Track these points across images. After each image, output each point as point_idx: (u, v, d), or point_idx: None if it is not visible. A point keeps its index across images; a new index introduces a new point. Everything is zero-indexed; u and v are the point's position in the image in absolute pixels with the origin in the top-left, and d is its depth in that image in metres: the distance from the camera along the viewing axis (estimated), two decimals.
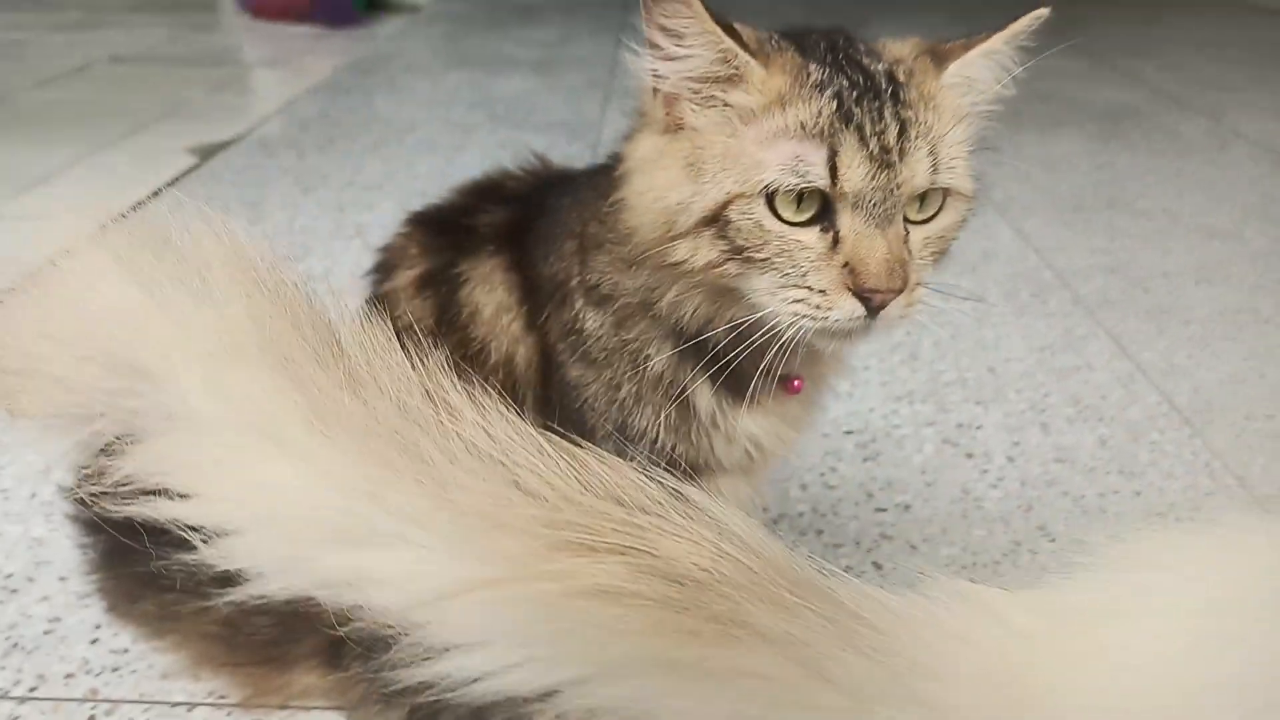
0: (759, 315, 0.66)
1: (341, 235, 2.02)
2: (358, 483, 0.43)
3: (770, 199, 0.63)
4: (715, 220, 0.64)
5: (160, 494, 0.45)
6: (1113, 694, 0.42)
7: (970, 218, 0.70)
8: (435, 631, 0.43)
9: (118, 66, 3.36)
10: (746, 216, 0.63)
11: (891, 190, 0.63)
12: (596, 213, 0.74)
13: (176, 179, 2.29)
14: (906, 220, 0.65)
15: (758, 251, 0.63)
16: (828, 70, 0.64)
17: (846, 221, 0.63)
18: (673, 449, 0.76)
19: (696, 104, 0.65)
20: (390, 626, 0.43)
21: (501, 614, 0.42)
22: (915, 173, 0.63)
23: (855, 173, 0.62)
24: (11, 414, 0.47)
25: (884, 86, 0.64)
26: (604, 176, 0.74)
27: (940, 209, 0.67)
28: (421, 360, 0.47)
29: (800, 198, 0.63)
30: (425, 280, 0.80)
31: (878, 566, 1.15)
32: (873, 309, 0.63)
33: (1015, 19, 0.67)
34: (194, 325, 0.44)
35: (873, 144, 0.62)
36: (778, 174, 0.62)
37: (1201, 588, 0.45)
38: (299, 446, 0.43)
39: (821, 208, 0.63)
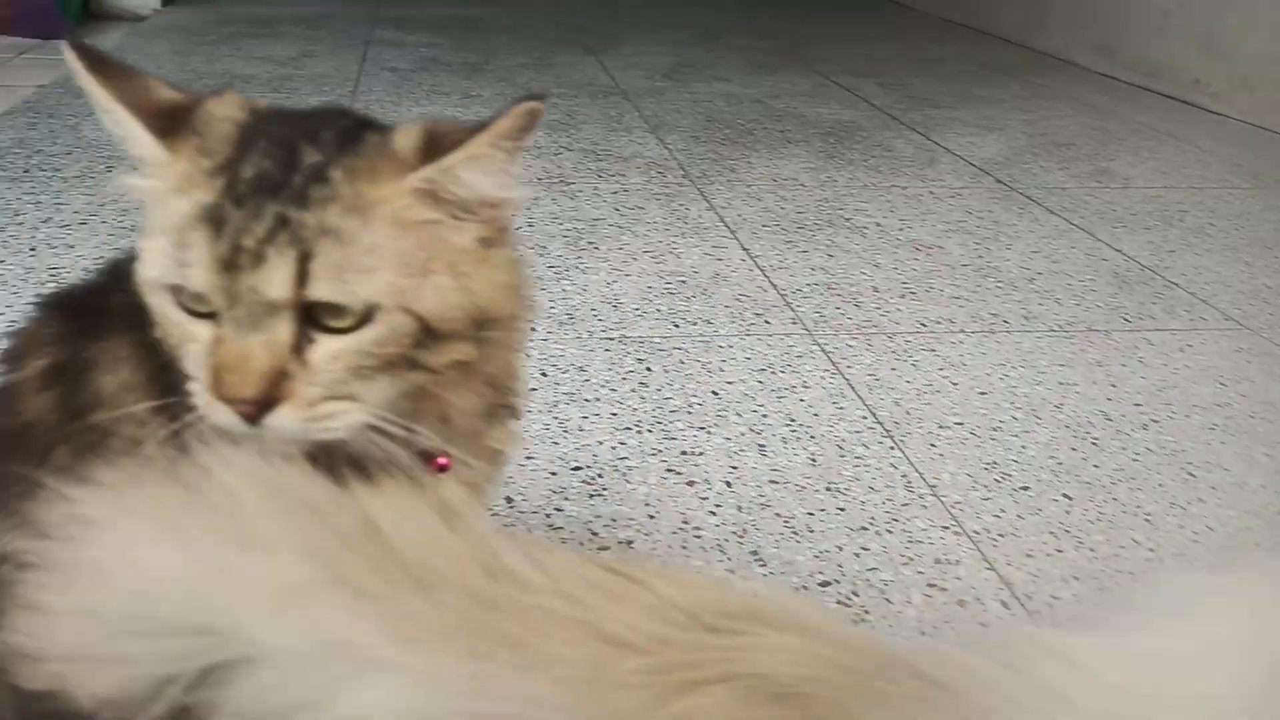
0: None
1: (33, 281, 1.83)
2: (458, 682, 0.43)
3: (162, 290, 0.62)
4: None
5: None
6: None
7: (403, 335, 0.61)
8: None
9: None
10: (153, 301, 0.63)
11: (240, 295, 0.58)
12: None
13: None
14: (325, 328, 0.60)
15: (168, 336, 0.63)
16: (244, 158, 0.61)
17: (223, 322, 0.60)
18: None
19: (144, 179, 0.64)
20: None
21: None
22: (267, 280, 0.58)
23: (196, 272, 0.59)
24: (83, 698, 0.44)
25: (296, 182, 0.59)
26: None
27: (365, 322, 0.60)
28: (471, 531, 0.48)
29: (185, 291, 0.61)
30: (54, 371, 0.73)
31: None
32: (251, 418, 0.60)
33: (519, 106, 0.60)
34: (245, 575, 0.45)
35: (224, 244, 0.58)
36: (148, 268, 0.62)
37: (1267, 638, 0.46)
38: (389, 661, 0.43)
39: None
